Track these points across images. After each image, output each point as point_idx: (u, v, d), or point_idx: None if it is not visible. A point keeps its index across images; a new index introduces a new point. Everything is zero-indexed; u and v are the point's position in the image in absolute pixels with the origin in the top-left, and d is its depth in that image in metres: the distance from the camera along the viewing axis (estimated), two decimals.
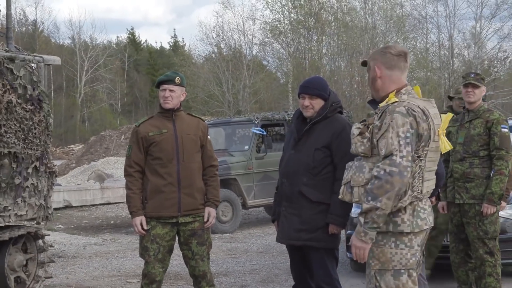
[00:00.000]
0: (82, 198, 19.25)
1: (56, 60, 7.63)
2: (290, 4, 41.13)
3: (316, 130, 5.46)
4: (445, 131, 4.54)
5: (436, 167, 4.55)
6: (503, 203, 7.95)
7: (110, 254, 11.39)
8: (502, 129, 6.64)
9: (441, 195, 7.09)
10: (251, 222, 15.97)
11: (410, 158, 4.14)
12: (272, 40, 43.38)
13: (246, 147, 15.02)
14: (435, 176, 4.57)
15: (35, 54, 7.07)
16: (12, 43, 6.89)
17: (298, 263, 5.73)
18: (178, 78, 6.02)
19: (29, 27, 65.02)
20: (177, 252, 6.18)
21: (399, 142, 4.14)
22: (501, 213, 8.37)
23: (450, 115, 4.67)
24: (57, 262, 10.43)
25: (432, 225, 4.47)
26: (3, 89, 6.17)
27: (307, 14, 40.54)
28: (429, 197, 5.32)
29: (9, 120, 6.27)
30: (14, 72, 6.36)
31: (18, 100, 6.36)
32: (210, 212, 6.02)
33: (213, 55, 47.31)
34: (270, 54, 45.18)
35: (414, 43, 41.78)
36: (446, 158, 7.02)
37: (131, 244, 12.39)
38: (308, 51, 40.90)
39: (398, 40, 40.09)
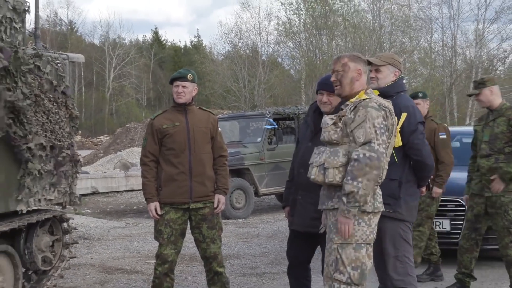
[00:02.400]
0: (108, 185, 19.36)
1: (80, 57, 7.66)
2: (302, 6, 41.05)
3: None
4: (398, 129, 4.84)
5: (388, 159, 4.74)
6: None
7: (131, 237, 11.46)
8: None
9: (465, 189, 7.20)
10: (262, 209, 15.99)
11: (384, 146, 4.48)
12: (286, 39, 43.30)
13: (259, 139, 15.05)
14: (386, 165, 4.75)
15: (60, 52, 7.09)
16: (39, 42, 6.92)
17: (299, 248, 5.74)
18: (190, 75, 6.06)
19: (62, 27, 65.24)
20: (191, 236, 6.22)
21: (375, 131, 4.45)
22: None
23: (405, 115, 5.01)
24: (83, 243, 10.52)
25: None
26: (32, 84, 6.22)
27: (318, 16, 40.42)
28: (419, 187, 5.40)
29: (37, 113, 6.31)
30: (41, 68, 6.40)
31: (45, 94, 6.40)
32: (219, 199, 6.05)
33: (231, 53, 47.23)
34: (284, 52, 45.18)
35: (418, 42, 41.56)
36: (474, 155, 7.07)
37: (151, 228, 12.36)
38: (319, 50, 40.77)
39: (404, 39, 39.92)
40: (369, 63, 5.42)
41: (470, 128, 17.08)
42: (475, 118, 38.09)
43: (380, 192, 4.64)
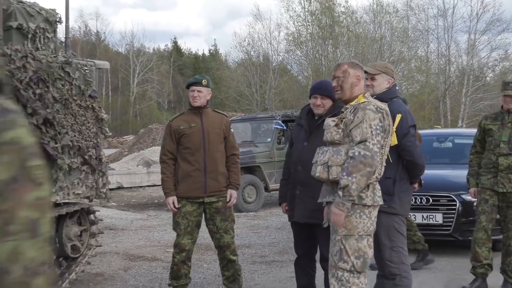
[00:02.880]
0: (132, 180, 19.38)
1: (105, 64, 7.69)
2: (309, 18, 41.00)
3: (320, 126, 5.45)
4: (394, 129, 4.83)
5: (385, 157, 4.73)
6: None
7: (152, 228, 11.47)
8: None
9: (470, 182, 7.01)
10: (272, 203, 15.96)
11: (379, 146, 4.45)
12: (295, 48, 43.26)
13: (269, 139, 15.04)
14: (384, 163, 4.76)
15: (88, 60, 7.11)
16: (69, 50, 6.95)
17: (304, 240, 5.75)
18: (204, 81, 6.06)
19: (91, 37, 65.41)
20: (206, 227, 6.22)
21: (371, 132, 4.43)
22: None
23: (399, 116, 5.00)
24: (109, 233, 10.55)
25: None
26: (62, 89, 6.25)
27: (324, 27, 40.39)
28: (411, 184, 5.39)
29: (66, 115, 6.33)
30: (70, 74, 6.42)
31: (73, 98, 6.43)
32: (231, 194, 6.05)
33: (245, 60, 47.23)
34: (293, 60, 45.13)
35: (416, 51, 41.48)
36: (477, 150, 6.92)
37: (170, 219, 12.29)
38: (324, 58, 40.73)
39: (402, 49, 39.84)
40: (365, 72, 5.44)
41: (462, 130, 17.09)
42: (466, 120, 38.03)
43: (379, 187, 4.62)
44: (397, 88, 5.56)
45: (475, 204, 8.39)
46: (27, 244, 1.75)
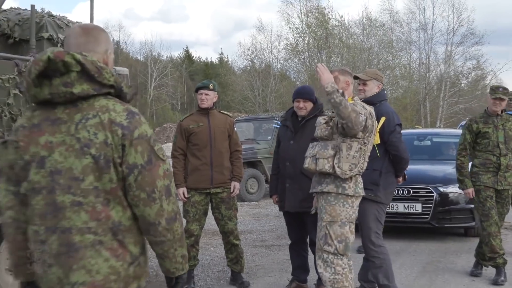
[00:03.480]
0: None
1: (124, 70, 7.66)
2: (306, 30, 40.96)
3: (309, 125, 5.45)
4: (377, 129, 4.79)
5: (368, 154, 4.71)
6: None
7: None
8: None
9: (466, 183, 6.62)
10: None
11: (364, 117, 4.40)
12: (293, 57, 43.20)
13: (269, 137, 15.04)
14: (367, 160, 4.73)
15: None
16: None
17: (295, 227, 5.82)
18: (211, 85, 6.07)
19: (114, 46, 65.31)
20: (213, 215, 6.24)
21: (361, 111, 4.41)
22: (454, 190, 8.43)
23: (384, 119, 4.98)
24: None
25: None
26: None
27: (319, 39, 40.36)
28: (396, 177, 5.41)
29: None
30: None
31: None
32: (235, 185, 6.06)
33: (248, 67, 47.20)
34: (291, 67, 45.05)
35: (400, 60, 41.46)
36: (467, 153, 6.61)
37: (180, 208, 12.43)
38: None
39: (387, 58, 39.83)
40: (358, 78, 5.47)
41: (440, 130, 17.04)
42: (444, 121, 38.02)
43: (361, 180, 4.64)
44: (385, 92, 5.59)
45: (450, 195, 8.44)
46: (166, 203, 2.34)
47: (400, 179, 5.54)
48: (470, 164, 6.64)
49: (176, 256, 2.48)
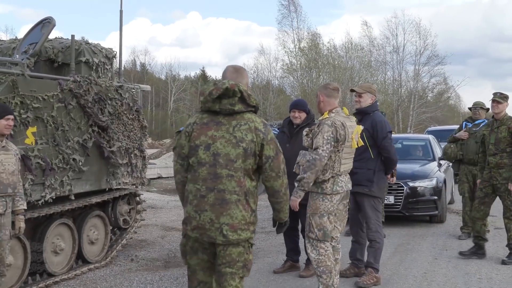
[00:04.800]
0: (168, 172, 19.22)
1: (147, 87, 7.67)
2: (299, 53, 40.90)
3: (302, 132, 5.48)
4: (357, 135, 4.69)
5: (351, 157, 4.71)
6: None
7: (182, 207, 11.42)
8: None
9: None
10: None
11: (327, 152, 4.41)
12: (288, 75, 43.14)
13: None
14: (351, 161, 4.73)
15: (135, 84, 7.09)
16: (121, 77, 6.93)
17: (290, 216, 5.76)
18: None
19: (141, 67, 65.19)
20: None
21: (323, 142, 4.42)
22: (420, 184, 8.42)
23: (360, 127, 4.81)
24: (150, 211, 10.52)
25: (350, 189, 4.73)
26: (117, 106, 6.28)
27: (310, 60, 40.36)
28: (386, 174, 5.41)
29: (118, 125, 6.32)
30: (122, 95, 6.43)
31: (124, 112, 6.43)
32: None
33: (251, 84, 47.14)
34: (287, 84, 44.93)
35: (377, 77, 41.38)
36: (483, 150, 6.54)
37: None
38: (310, 82, 40.61)
39: (366, 75, 39.76)
40: (354, 91, 5.50)
41: (409, 135, 16.97)
42: (413, 128, 37.95)
43: (342, 179, 4.60)
44: (377, 103, 5.58)
45: (417, 189, 8.43)
46: (284, 178, 3.28)
47: (389, 176, 5.56)
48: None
49: (286, 210, 3.38)
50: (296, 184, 4.50)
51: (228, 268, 3.17)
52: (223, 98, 3.13)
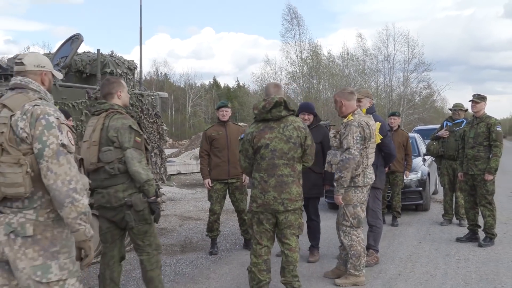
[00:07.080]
0: (186, 169, 19.26)
1: (165, 94, 7.66)
2: (302, 62, 40.80)
3: (311, 133, 5.47)
4: (377, 131, 4.76)
5: (374, 151, 4.73)
6: (407, 172, 7.88)
7: (199, 199, 11.42)
8: (497, 128, 6.14)
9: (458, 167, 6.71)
10: None
11: (358, 150, 4.41)
12: (292, 82, 43.09)
13: None
14: (374, 154, 4.75)
15: (154, 91, 7.13)
16: (142, 86, 6.97)
17: None
18: (229, 104, 6.13)
19: (162, 77, 65.30)
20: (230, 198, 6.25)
21: (353, 142, 4.41)
22: (407, 177, 8.38)
23: (379, 124, 4.88)
24: (170, 203, 10.59)
25: (374, 179, 4.72)
26: (138, 111, 6.32)
27: (311, 68, 40.27)
28: (385, 167, 5.43)
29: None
30: (143, 101, 6.48)
31: (144, 116, 6.48)
32: (245, 176, 6.03)
33: (259, 91, 47.10)
34: (290, 90, 44.85)
35: (370, 83, 41.21)
36: (463, 146, 6.47)
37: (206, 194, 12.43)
38: (311, 88, 40.53)
39: (361, 82, 39.63)
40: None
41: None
42: (404, 128, 37.74)
43: (370, 171, 4.64)
44: (374, 106, 5.60)
45: (405, 181, 8.40)
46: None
47: (387, 169, 5.63)
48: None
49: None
50: (335, 184, 4.51)
51: (288, 230, 3.93)
52: (273, 108, 3.85)
